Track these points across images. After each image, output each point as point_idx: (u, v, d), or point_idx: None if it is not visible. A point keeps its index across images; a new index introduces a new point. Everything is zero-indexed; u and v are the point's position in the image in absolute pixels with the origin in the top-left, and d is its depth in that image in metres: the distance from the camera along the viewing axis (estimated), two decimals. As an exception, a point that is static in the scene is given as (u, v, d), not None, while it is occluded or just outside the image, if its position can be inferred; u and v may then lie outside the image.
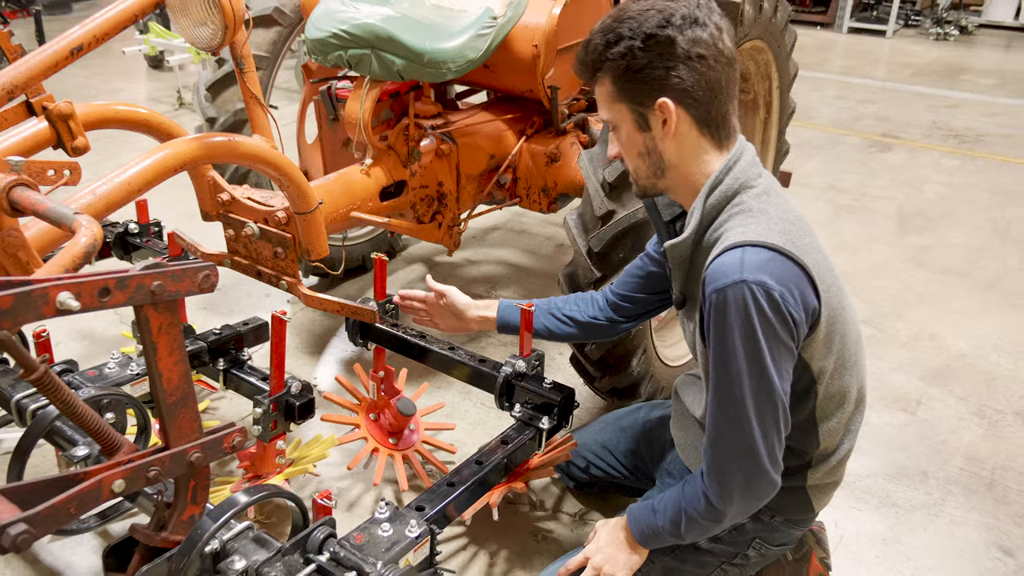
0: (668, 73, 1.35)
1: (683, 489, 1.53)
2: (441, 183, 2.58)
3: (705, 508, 1.47)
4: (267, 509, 2.18)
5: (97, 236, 1.23)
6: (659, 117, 1.39)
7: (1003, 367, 3.03)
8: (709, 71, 1.36)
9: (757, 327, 1.31)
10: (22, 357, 1.13)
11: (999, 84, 7.17)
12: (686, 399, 1.72)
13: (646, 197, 1.58)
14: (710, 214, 1.43)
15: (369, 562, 1.37)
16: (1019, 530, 2.27)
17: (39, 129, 1.65)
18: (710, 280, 1.35)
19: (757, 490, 1.44)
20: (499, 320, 1.96)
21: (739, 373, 1.35)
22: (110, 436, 1.28)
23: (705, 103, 1.38)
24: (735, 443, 1.40)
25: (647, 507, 1.60)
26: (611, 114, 1.46)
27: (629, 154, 1.48)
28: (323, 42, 2.25)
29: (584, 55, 1.44)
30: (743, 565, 1.67)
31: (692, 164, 1.44)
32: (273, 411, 1.92)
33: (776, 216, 1.38)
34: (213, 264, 1.19)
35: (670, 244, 1.48)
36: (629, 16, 1.36)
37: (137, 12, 1.76)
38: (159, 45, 6.35)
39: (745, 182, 1.42)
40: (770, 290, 1.29)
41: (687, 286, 1.55)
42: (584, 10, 2.59)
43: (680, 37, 1.33)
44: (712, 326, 1.36)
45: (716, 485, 1.45)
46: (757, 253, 1.31)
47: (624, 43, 1.35)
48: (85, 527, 2.07)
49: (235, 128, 2.82)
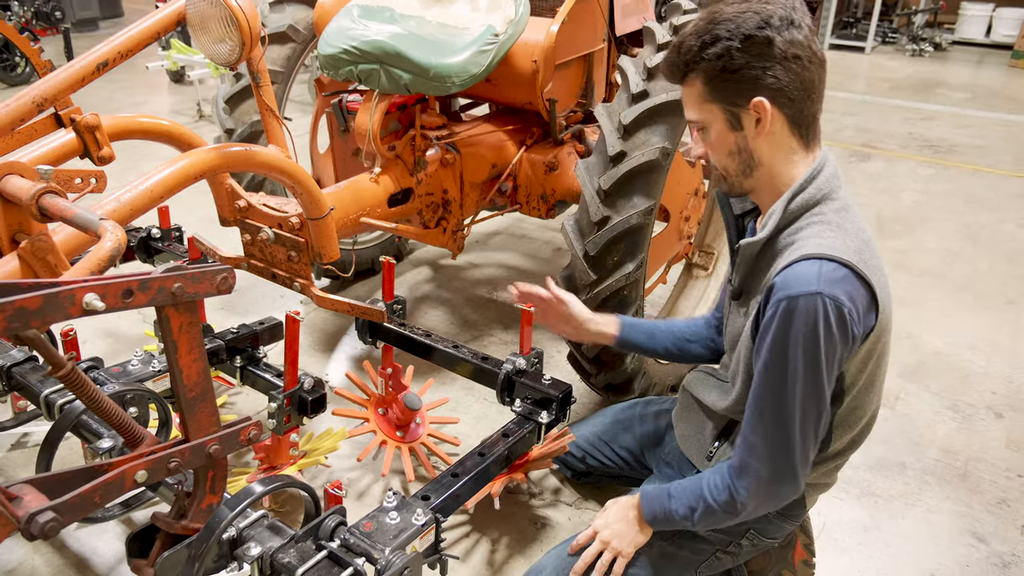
0: (764, 73, 1.31)
1: (704, 479, 1.50)
2: (446, 190, 2.58)
3: (726, 500, 1.45)
4: (281, 498, 2.17)
5: (121, 241, 1.24)
6: (753, 116, 1.35)
7: (976, 364, 3.03)
8: (804, 71, 1.32)
9: (821, 340, 1.28)
10: (51, 355, 1.13)
11: (971, 97, 7.17)
12: (701, 394, 1.69)
13: (731, 196, 1.53)
14: (789, 218, 1.39)
15: (378, 548, 1.37)
16: (991, 518, 2.26)
17: (67, 140, 1.65)
18: (782, 286, 1.31)
19: (782, 492, 1.42)
20: (621, 337, 1.84)
21: (794, 380, 1.32)
22: (133, 429, 1.27)
23: (799, 103, 1.35)
24: (774, 444, 1.38)
25: (662, 491, 1.57)
26: (701, 114, 1.41)
27: (719, 153, 1.43)
28: (335, 58, 2.25)
29: (676, 56, 1.38)
30: (735, 554, 1.66)
31: (780, 164, 1.40)
32: (287, 406, 1.92)
33: (852, 233, 1.35)
34: (230, 267, 1.19)
35: (745, 242, 1.45)
36: (725, 18, 1.32)
37: (160, 30, 1.76)
38: (180, 61, 6.35)
39: (828, 193, 1.39)
40: (841, 306, 1.27)
41: (748, 281, 1.51)
42: (580, 28, 2.59)
43: (778, 38, 1.29)
44: (774, 330, 1.32)
45: (744, 480, 1.42)
46: (834, 269, 1.29)
47: (721, 44, 1.31)
48: (110, 515, 2.08)
49: (252, 139, 2.82)
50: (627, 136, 2.07)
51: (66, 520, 1.07)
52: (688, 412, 1.75)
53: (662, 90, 2.07)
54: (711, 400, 1.65)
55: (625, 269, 2.10)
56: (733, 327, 1.59)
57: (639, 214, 2.04)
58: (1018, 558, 2.12)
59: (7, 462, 2.36)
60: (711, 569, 1.67)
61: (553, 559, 1.70)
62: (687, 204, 2.54)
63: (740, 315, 1.55)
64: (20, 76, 6.78)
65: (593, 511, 2.23)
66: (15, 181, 1.33)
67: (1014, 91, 7.44)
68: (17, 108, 1.56)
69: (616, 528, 1.61)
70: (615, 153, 2.06)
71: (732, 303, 1.59)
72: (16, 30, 6.38)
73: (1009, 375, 2.96)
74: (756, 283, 1.47)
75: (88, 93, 2.36)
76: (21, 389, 1.96)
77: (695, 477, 1.54)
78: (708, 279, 3.03)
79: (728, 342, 1.62)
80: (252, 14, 1.72)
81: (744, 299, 1.54)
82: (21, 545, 2.06)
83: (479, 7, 2.49)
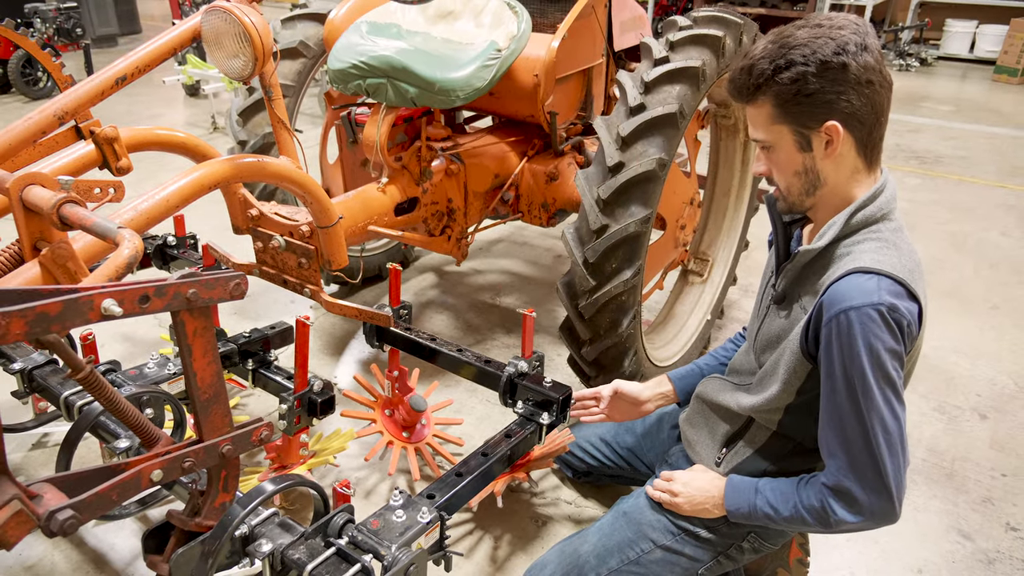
0: (839, 98, 1.29)
1: (798, 488, 1.45)
2: (450, 200, 2.58)
3: (819, 515, 1.40)
4: (291, 497, 2.17)
5: (138, 248, 1.23)
6: (823, 139, 1.33)
7: (961, 367, 3.02)
8: (875, 95, 1.31)
9: (886, 348, 1.27)
10: (70, 358, 1.13)
11: (955, 111, 7.17)
12: (719, 398, 1.66)
13: (791, 213, 1.51)
14: (848, 231, 1.38)
15: (384, 545, 1.36)
16: (976, 516, 2.25)
17: (87, 151, 1.66)
18: (842, 298, 1.29)
19: (876, 510, 1.36)
20: (679, 391, 1.87)
21: (868, 391, 1.30)
22: (149, 430, 1.27)
23: (869, 125, 1.33)
24: (858, 461, 1.34)
25: (751, 483, 1.53)
26: (769, 135, 1.38)
27: (784, 173, 1.41)
28: (344, 72, 2.25)
29: (747, 79, 1.36)
30: (736, 558, 1.64)
31: (844, 184, 1.39)
32: (297, 407, 1.92)
33: (906, 254, 1.35)
34: (243, 274, 1.19)
35: (804, 250, 1.43)
36: (800, 43, 1.29)
37: (176, 46, 1.76)
38: (196, 75, 6.37)
39: (887, 213, 1.38)
40: (901, 317, 1.27)
41: (793, 286, 1.49)
42: (579, 44, 2.60)
43: (853, 64, 1.28)
44: (839, 343, 1.30)
45: (838, 500, 1.38)
46: (892, 285, 1.29)
47: (796, 68, 1.29)
48: (126, 513, 2.07)
49: (264, 150, 2.82)
50: (625, 148, 2.07)
51: (85, 517, 1.07)
52: (699, 417, 1.73)
53: (659, 103, 2.07)
54: (734, 401, 1.62)
55: (623, 275, 2.10)
56: (770, 328, 1.55)
57: (637, 222, 2.04)
58: (1002, 555, 2.11)
59: (28, 461, 2.35)
60: (712, 572, 1.65)
61: (555, 555, 1.69)
62: (683, 213, 2.54)
63: (780, 317, 1.52)
64: (42, 90, 6.80)
65: (593, 509, 2.22)
66: (37, 191, 1.33)
67: (997, 104, 7.44)
68: (39, 121, 1.56)
69: (693, 495, 1.59)
70: (613, 164, 2.06)
71: (772, 306, 1.56)
72: (39, 46, 6.41)
73: (993, 378, 2.95)
74: (802, 289, 1.46)
75: (107, 106, 2.36)
76: (42, 391, 1.95)
77: (788, 481, 1.48)
78: (703, 285, 3.03)
79: (762, 343, 1.58)
80: (264, 30, 1.72)
81: (787, 303, 1.51)
82: (41, 541, 2.06)
83: (483, 23, 2.50)
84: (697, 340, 2.86)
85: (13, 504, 1.03)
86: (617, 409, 1.91)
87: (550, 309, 3.34)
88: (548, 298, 3.44)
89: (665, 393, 1.88)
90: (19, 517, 1.03)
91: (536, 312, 2.66)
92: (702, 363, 1.87)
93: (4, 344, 0.89)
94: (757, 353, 1.60)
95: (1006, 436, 2.62)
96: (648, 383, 1.89)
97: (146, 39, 1.77)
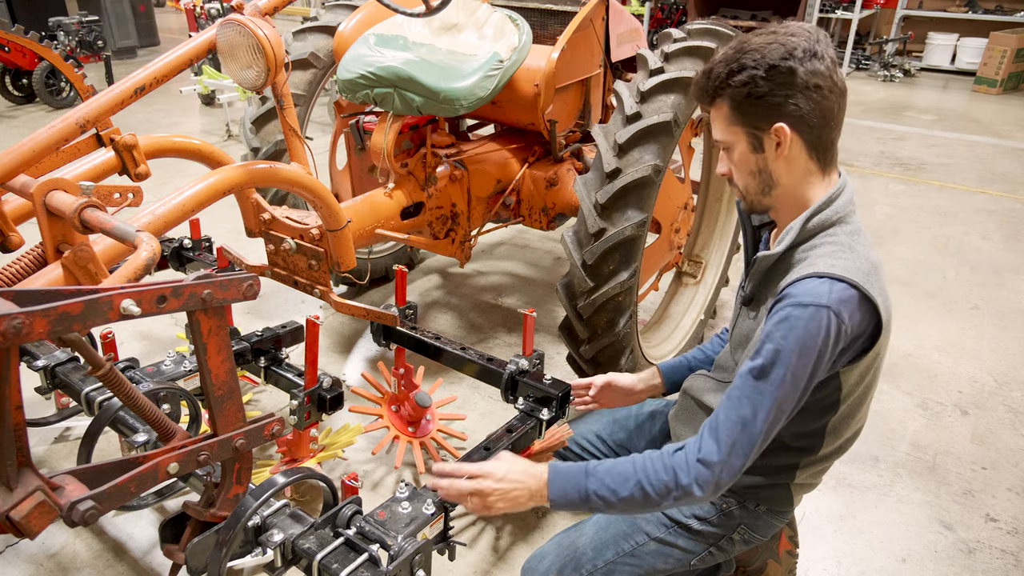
0: (787, 101, 1.30)
1: (636, 462, 1.40)
2: (454, 204, 2.58)
3: (665, 483, 1.34)
4: (302, 489, 2.17)
5: (156, 251, 1.23)
6: (773, 140, 1.34)
7: (943, 365, 3.02)
8: (824, 100, 1.31)
9: (817, 350, 1.27)
10: (91, 356, 1.13)
11: (937, 120, 7.16)
12: (703, 397, 1.66)
13: (752, 213, 1.52)
14: (804, 236, 1.38)
15: (391, 536, 1.36)
16: (957, 507, 2.25)
17: (107, 158, 1.65)
18: (793, 296, 1.29)
19: (722, 480, 1.33)
20: (667, 383, 1.85)
21: (781, 379, 1.29)
22: (166, 424, 1.27)
23: (817, 129, 1.33)
24: (736, 431, 1.32)
25: (579, 468, 1.44)
26: (726, 135, 1.40)
27: (741, 172, 1.43)
28: (352, 82, 2.25)
29: (706, 82, 1.37)
30: (727, 549, 1.63)
31: (798, 185, 1.39)
32: (307, 403, 1.91)
33: (862, 256, 1.34)
34: (255, 275, 1.19)
35: (762, 255, 1.44)
36: (752, 48, 1.31)
37: (192, 57, 1.76)
38: (211, 85, 6.37)
39: (843, 216, 1.38)
40: (842, 323, 1.27)
41: (759, 289, 1.50)
42: (578, 55, 2.60)
43: (801, 68, 1.28)
44: (778, 330, 1.29)
45: (699, 463, 1.33)
46: (844, 289, 1.28)
47: (747, 72, 1.30)
48: (144, 503, 2.07)
49: (276, 157, 2.82)
50: (622, 154, 2.07)
51: (104, 508, 1.07)
52: (687, 413, 1.73)
53: (654, 112, 2.07)
54: (717, 400, 1.62)
55: (620, 277, 2.09)
56: (741, 329, 1.57)
57: (633, 226, 2.04)
58: (982, 545, 2.11)
59: (51, 454, 2.35)
60: (705, 563, 1.64)
61: (554, 546, 1.68)
62: (677, 217, 2.54)
63: (749, 318, 1.54)
64: (65, 100, 6.80)
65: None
66: (59, 196, 1.33)
67: (976, 114, 7.43)
68: (62, 129, 1.56)
69: (507, 489, 1.42)
70: (611, 170, 2.06)
71: (743, 308, 1.57)
72: (62, 58, 6.42)
73: (974, 375, 2.95)
74: (767, 292, 1.46)
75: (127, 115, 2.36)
76: (64, 387, 1.96)
77: (620, 460, 1.42)
78: (697, 286, 3.02)
79: (735, 342, 1.59)
80: (277, 42, 1.72)
81: (754, 305, 1.52)
82: (63, 531, 2.06)
83: (485, 35, 2.50)
84: (691, 339, 2.86)
85: (36, 495, 1.03)
86: (607, 398, 1.91)
87: (550, 309, 3.34)
88: (548, 299, 3.44)
89: (656, 385, 1.88)
90: (42, 507, 1.03)
91: (536, 312, 2.66)
92: (691, 356, 1.88)
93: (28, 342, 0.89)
94: (733, 351, 1.61)
95: (986, 431, 2.61)
96: (641, 375, 1.89)
97: (164, 51, 1.77)
